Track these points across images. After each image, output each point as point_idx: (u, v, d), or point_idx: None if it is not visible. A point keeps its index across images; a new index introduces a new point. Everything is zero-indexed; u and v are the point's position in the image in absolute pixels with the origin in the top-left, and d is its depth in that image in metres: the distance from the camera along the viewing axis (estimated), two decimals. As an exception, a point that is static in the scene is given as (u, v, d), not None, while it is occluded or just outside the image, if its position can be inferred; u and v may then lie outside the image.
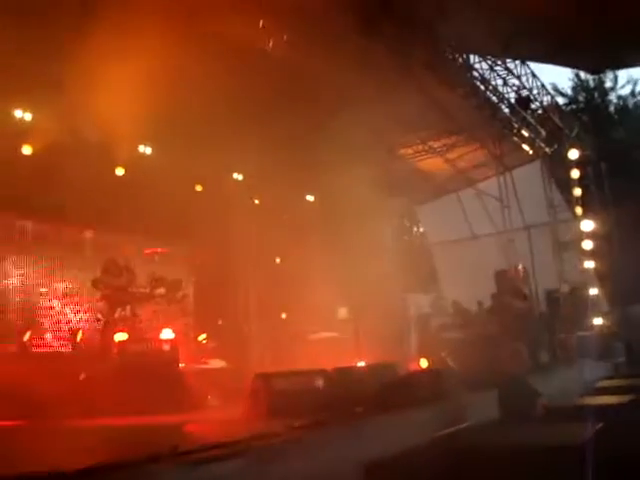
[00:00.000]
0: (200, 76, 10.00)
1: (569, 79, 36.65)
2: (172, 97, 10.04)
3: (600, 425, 5.56)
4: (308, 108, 13.04)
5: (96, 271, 10.69)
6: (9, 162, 9.93)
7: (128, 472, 3.70)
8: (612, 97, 36.56)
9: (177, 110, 10.56)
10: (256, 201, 14.66)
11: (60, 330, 11.52)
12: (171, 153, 12.33)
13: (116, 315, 10.17)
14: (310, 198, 16.46)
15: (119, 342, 9.45)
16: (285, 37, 10.78)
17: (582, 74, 35.05)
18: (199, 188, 13.49)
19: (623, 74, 35.24)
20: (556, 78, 54.41)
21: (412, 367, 8.97)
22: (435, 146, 16.06)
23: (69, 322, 11.67)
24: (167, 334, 10.02)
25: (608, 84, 36.27)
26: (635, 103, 35.87)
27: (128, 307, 10.38)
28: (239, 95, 10.68)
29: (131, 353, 9.10)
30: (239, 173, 14.42)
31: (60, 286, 11.83)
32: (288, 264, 15.27)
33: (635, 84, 35.75)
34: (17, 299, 11.20)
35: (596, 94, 36.05)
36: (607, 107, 36.02)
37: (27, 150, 10.64)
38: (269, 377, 7.11)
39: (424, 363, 9.85)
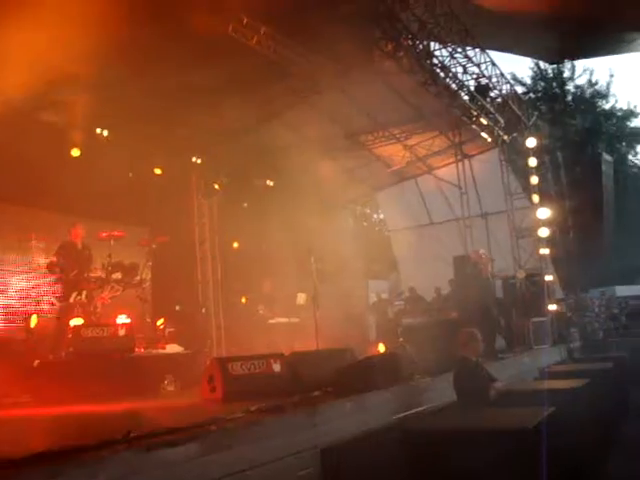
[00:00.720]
0: (161, 60, 9.86)
1: (529, 68, 37.11)
2: (131, 79, 9.90)
3: (553, 409, 5.65)
4: (267, 93, 12.99)
5: (51, 255, 10.53)
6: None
7: (79, 457, 3.66)
8: (570, 87, 37.09)
9: (136, 93, 10.41)
10: (215, 186, 14.53)
11: (14, 314, 11.31)
12: (129, 136, 12.14)
13: (71, 300, 10.01)
14: (270, 183, 16.40)
15: (74, 327, 9.31)
16: (245, 21, 10.68)
17: (541, 64, 35.50)
18: (158, 171, 13.34)
19: (580, 64, 35.76)
20: (515, 67, 55.05)
21: (370, 352, 9.00)
22: (395, 133, 16.10)
23: (23, 307, 11.46)
24: (123, 319, 9.91)
25: (566, 74, 36.79)
26: (591, 93, 36.44)
27: (84, 292, 10.22)
28: (198, 80, 10.55)
29: (86, 339, 8.99)
30: (198, 157, 14.28)
31: (14, 269, 11.61)
32: (247, 249, 15.23)
33: (591, 74, 36.34)
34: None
35: (554, 84, 36.52)
36: (565, 97, 36.51)
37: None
38: (225, 361, 7.07)
39: (382, 348, 9.90)
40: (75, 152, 11.60)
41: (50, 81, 9.19)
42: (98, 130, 12.07)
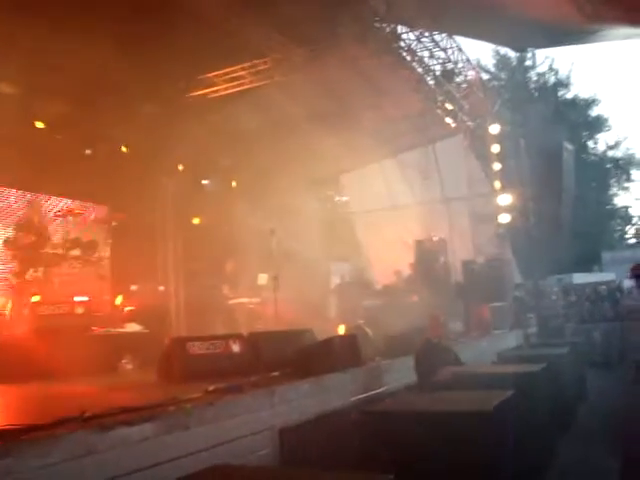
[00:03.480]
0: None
1: (492, 56, 37.38)
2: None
3: (512, 392, 5.72)
4: (232, 73, 12.88)
5: (7, 230, 10.33)
6: None
7: (33, 436, 3.60)
8: (532, 75, 37.48)
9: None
10: (180, 166, 14.39)
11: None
12: (92, 111, 11.90)
13: (28, 276, 9.84)
14: (231, 163, 16.25)
15: (31, 304, 9.17)
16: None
17: (502, 52, 35.83)
18: (124, 149, 13.13)
19: (541, 53, 36.20)
20: (479, 54, 55.37)
21: (330, 333, 9.01)
22: (359, 115, 16.05)
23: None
24: (81, 297, 9.76)
25: (528, 62, 37.17)
26: (553, 81, 36.88)
27: (41, 269, 10.05)
28: (162, 52, 10.37)
29: (43, 316, 8.86)
30: (160, 134, 14.07)
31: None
32: (209, 229, 15.10)
33: (552, 62, 36.76)
34: None
35: (517, 72, 36.88)
36: (527, 84, 36.89)
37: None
38: (184, 341, 7.02)
39: (342, 329, 9.92)
40: (39, 124, 11.33)
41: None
42: (60, 104, 11.80)
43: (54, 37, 9.17)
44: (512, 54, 35.46)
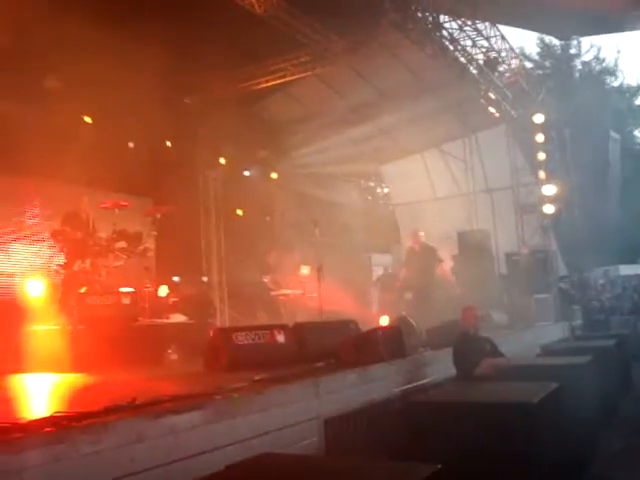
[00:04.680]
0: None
1: (536, 44, 36.81)
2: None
3: (555, 385, 5.66)
4: (274, 65, 12.92)
5: (55, 223, 10.51)
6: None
7: (85, 423, 3.67)
8: (577, 63, 36.80)
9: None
10: (221, 160, 14.49)
11: (17, 282, 11.31)
12: (135, 105, 12.05)
13: (75, 268, 10.00)
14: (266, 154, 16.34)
15: (79, 295, 9.32)
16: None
17: (547, 40, 35.22)
18: (169, 144, 13.29)
19: (587, 41, 35.51)
20: (523, 43, 54.45)
21: (373, 324, 9.01)
22: (401, 106, 15.96)
23: (27, 275, 11.44)
24: (127, 288, 9.90)
25: (573, 50, 36.49)
26: (599, 69, 36.17)
27: (88, 260, 10.22)
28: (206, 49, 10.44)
29: (91, 306, 8.99)
30: (203, 128, 14.20)
31: (17, 237, 11.60)
32: (251, 219, 15.19)
33: (599, 51, 36.05)
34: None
35: (562, 60, 36.25)
36: (572, 73, 36.24)
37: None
38: (229, 331, 7.08)
39: (385, 321, 9.91)
40: (87, 119, 11.53)
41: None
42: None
43: (100, 32, 9.30)
44: (557, 42, 34.86)
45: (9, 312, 9.35)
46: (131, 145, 12.50)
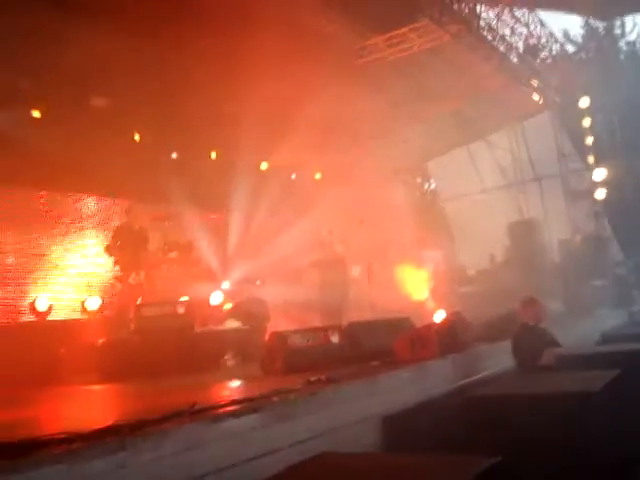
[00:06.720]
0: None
1: (580, 27, 36.02)
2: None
3: (617, 372, 5.54)
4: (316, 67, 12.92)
5: (108, 238, 10.73)
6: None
7: (145, 430, 3.73)
8: (622, 44, 35.93)
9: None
10: (264, 164, 14.61)
11: (76, 297, 11.57)
12: (179, 117, 12.24)
13: (130, 280, 10.21)
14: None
15: (135, 307, 9.50)
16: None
17: (591, 22, 34.45)
18: (214, 155, 13.47)
19: (629, 20, 34.64)
20: (567, 26, 53.41)
21: (427, 320, 8.97)
22: (443, 99, 15.83)
23: (84, 290, 11.71)
24: (182, 297, 10.06)
25: (617, 31, 35.63)
26: (643, 48, 35.24)
27: (142, 272, 10.42)
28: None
29: (147, 317, 9.15)
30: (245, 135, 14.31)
31: (73, 253, 11.87)
32: (302, 225, 15.24)
33: (642, 28, 35.11)
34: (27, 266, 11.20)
35: (605, 41, 35.44)
36: (617, 54, 35.41)
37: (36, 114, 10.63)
38: (285, 335, 7.12)
39: (439, 316, 9.85)
40: (136, 136, 11.76)
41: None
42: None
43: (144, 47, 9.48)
44: (600, 24, 34.08)
45: (70, 327, 9.61)
46: (174, 156, 12.69)
